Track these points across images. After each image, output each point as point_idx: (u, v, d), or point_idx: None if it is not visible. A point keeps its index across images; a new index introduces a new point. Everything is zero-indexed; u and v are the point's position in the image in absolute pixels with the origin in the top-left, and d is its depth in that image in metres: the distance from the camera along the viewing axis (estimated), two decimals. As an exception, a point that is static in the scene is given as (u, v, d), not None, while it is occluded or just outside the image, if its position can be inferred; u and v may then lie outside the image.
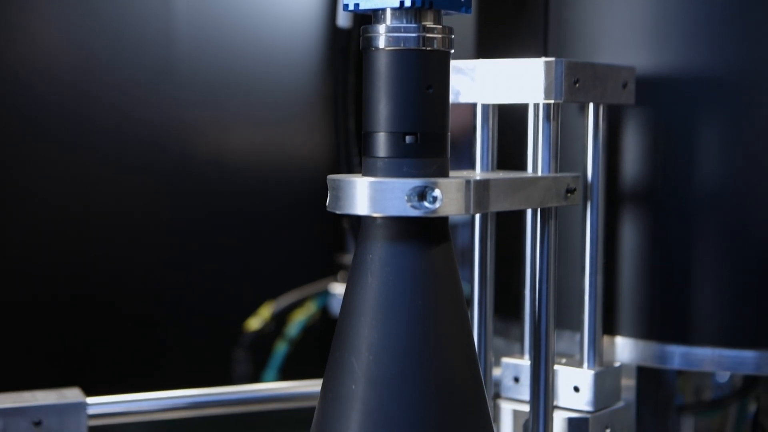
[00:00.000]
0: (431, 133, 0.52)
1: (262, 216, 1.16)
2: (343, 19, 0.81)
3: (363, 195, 0.51)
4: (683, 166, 0.68)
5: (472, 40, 0.83)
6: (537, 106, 0.63)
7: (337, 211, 0.53)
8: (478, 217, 0.64)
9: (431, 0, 0.51)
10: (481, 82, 0.65)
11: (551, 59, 0.62)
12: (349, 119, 0.82)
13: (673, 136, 0.69)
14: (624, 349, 0.70)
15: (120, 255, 1.09)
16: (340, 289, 1.08)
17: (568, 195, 0.63)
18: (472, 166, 0.66)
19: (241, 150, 1.15)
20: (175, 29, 1.10)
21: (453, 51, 0.53)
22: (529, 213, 0.65)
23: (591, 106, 0.66)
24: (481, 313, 0.64)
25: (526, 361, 0.68)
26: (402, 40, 0.51)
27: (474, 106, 0.66)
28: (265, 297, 1.11)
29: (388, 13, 0.52)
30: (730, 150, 0.68)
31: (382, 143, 0.52)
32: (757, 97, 0.68)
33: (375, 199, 0.51)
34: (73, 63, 1.05)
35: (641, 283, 0.69)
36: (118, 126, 1.08)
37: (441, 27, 0.52)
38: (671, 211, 0.69)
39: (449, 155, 0.53)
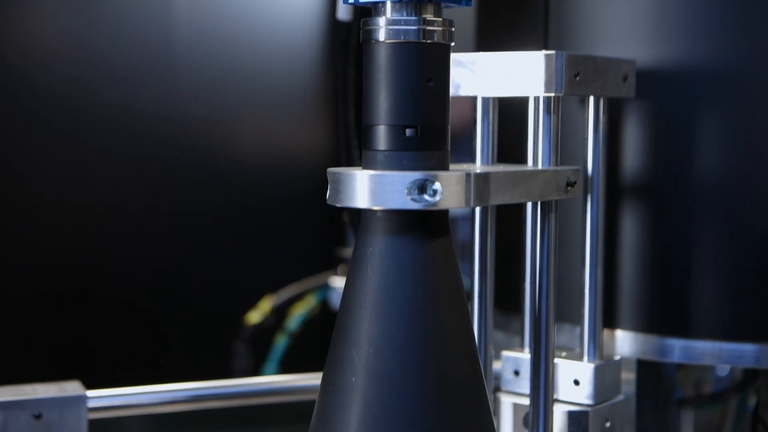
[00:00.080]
0: (431, 126, 0.52)
1: (262, 209, 1.16)
2: (343, 12, 0.81)
3: (363, 188, 0.51)
4: (683, 159, 0.68)
5: (472, 33, 0.83)
6: (537, 100, 0.63)
7: (337, 204, 0.53)
8: (478, 211, 0.64)
9: (431, -7, 0.51)
10: (481, 75, 0.64)
11: (551, 52, 0.62)
12: (349, 112, 0.81)
13: (673, 129, 0.68)
14: (624, 342, 0.70)
15: (120, 249, 1.09)
16: (340, 282, 1.08)
17: (569, 188, 0.62)
18: (473, 159, 0.66)
19: (240, 143, 1.15)
20: (175, 23, 1.10)
21: (453, 44, 0.53)
22: (529, 206, 0.65)
23: (591, 99, 0.66)
24: (481, 307, 0.64)
25: (526, 355, 0.68)
26: (402, 33, 0.51)
27: (474, 100, 0.65)
28: (265, 290, 1.11)
29: (388, 5, 0.52)
30: (731, 143, 0.68)
31: (382, 136, 0.52)
32: (757, 90, 0.67)
33: (375, 192, 0.51)
34: (73, 57, 1.05)
35: (641, 276, 0.69)
36: (118, 119, 1.08)
37: (441, 20, 0.52)
38: (671, 205, 0.69)
39: (449, 148, 0.53)
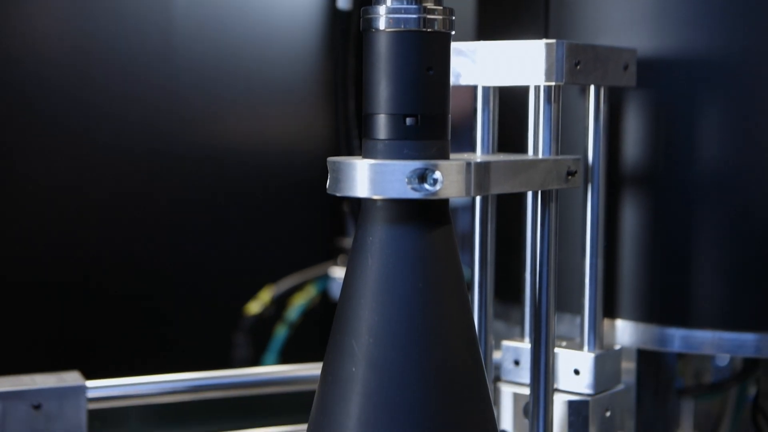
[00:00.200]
0: (432, 114, 0.52)
1: (262, 200, 1.16)
2: (343, 2, 0.80)
3: (363, 177, 0.51)
4: (684, 148, 0.68)
5: (472, 21, 0.82)
6: (538, 89, 0.63)
7: (337, 194, 0.53)
8: (478, 200, 0.64)
9: (432, -19, 0.51)
10: (481, 64, 0.64)
11: (552, 41, 0.62)
12: (349, 102, 0.81)
13: (674, 118, 0.68)
14: (624, 332, 0.70)
15: (120, 240, 1.08)
16: (340, 272, 1.08)
17: (569, 177, 0.62)
18: (473, 149, 0.66)
19: (240, 133, 1.15)
20: (174, 14, 1.10)
21: (454, 32, 0.53)
22: (529, 195, 0.64)
23: (592, 88, 0.66)
24: (481, 297, 0.64)
25: (526, 344, 0.68)
26: (402, 22, 0.51)
27: (474, 89, 0.65)
28: (265, 281, 1.11)
29: (389, -6, 0.51)
30: (731, 132, 0.67)
31: (382, 125, 0.52)
32: (758, 79, 0.67)
33: (375, 182, 0.51)
34: (73, 49, 1.05)
35: (642, 266, 0.69)
36: (118, 110, 1.08)
37: (442, 8, 0.52)
38: (672, 194, 0.69)
39: (450, 138, 0.53)
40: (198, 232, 1.13)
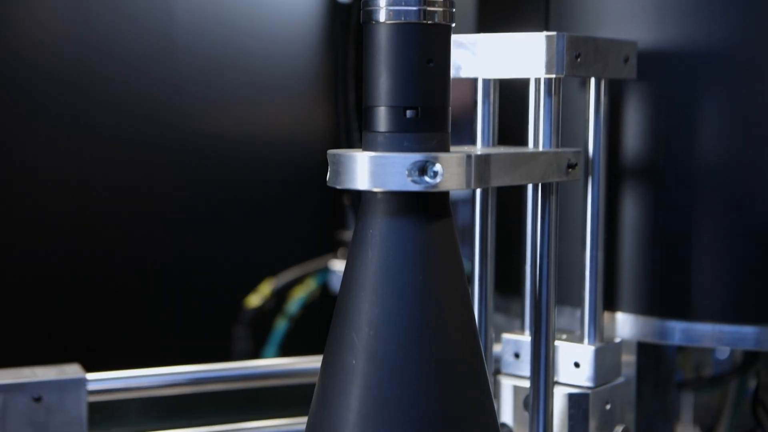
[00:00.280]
0: (432, 107, 0.51)
1: (262, 193, 1.16)
2: (343, -6, 0.80)
3: (363, 170, 0.51)
4: (684, 140, 0.68)
5: (473, 14, 0.82)
6: (538, 81, 0.63)
7: (338, 186, 0.53)
8: (478, 193, 0.64)
9: (432, -27, 0.50)
10: (482, 57, 0.64)
11: (552, 33, 0.62)
12: (349, 94, 0.81)
13: (674, 111, 0.68)
14: (624, 324, 0.70)
15: (120, 232, 1.08)
16: (340, 266, 1.08)
17: (569, 170, 0.62)
18: (473, 142, 0.66)
19: (241, 126, 1.15)
20: (175, 8, 1.10)
21: (454, 25, 0.53)
22: (529, 188, 0.64)
23: (592, 80, 0.66)
24: (481, 289, 0.64)
25: (526, 337, 0.68)
26: (403, 14, 0.51)
27: (475, 81, 0.65)
28: (265, 274, 1.11)
29: (389, -14, 0.51)
30: (732, 125, 0.67)
31: (382, 118, 0.51)
32: (758, 71, 0.67)
33: (375, 174, 0.51)
34: (74, 43, 1.05)
35: (642, 258, 0.69)
36: (119, 103, 1.08)
37: (442, 0, 0.51)
38: (672, 187, 0.68)
39: (450, 131, 0.53)
40: (198, 225, 1.13)
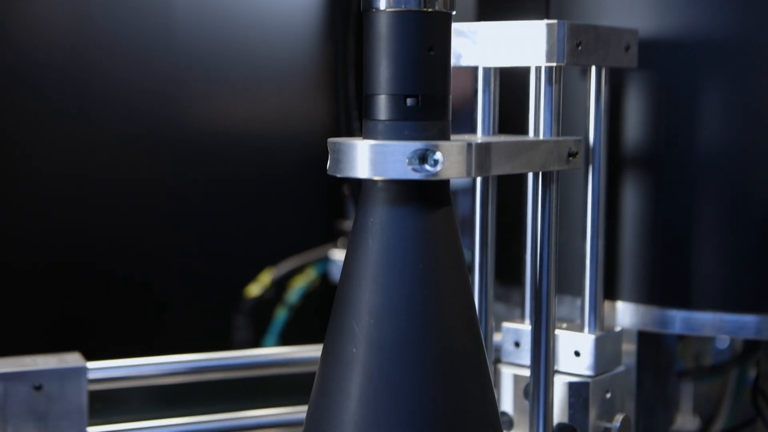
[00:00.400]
0: (432, 95, 0.51)
1: (262, 182, 1.16)
2: (343, -18, 0.80)
3: (364, 158, 0.51)
4: (685, 129, 0.68)
5: (473, 2, 0.82)
6: (539, 70, 0.63)
7: (338, 175, 0.53)
8: (479, 182, 0.64)
9: (433, -40, 0.50)
10: (482, 45, 0.64)
11: (553, 22, 0.62)
12: (350, 83, 0.81)
13: (675, 99, 0.68)
14: (625, 313, 0.70)
15: (120, 222, 1.08)
16: (340, 255, 1.07)
17: (570, 159, 0.62)
18: (473, 130, 0.65)
19: (240, 115, 1.15)
20: (174, -3, 1.09)
21: (454, 12, 0.52)
22: (530, 177, 0.64)
23: (593, 69, 0.66)
24: (482, 278, 0.64)
25: (526, 326, 0.68)
26: (403, 1, 0.51)
27: (475, 70, 0.65)
28: (265, 263, 1.11)
29: (389, -27, 0.51)
30: (733, 113, 0.67)
31: (382, 106, 0.51)
32: (759, 60, 0.67)
33: (376, 162, 0.51)
34: (73, 35, 1.05)
35: (642, 247, 0.69)
36: (118, 92, 1.07)
37: (442, -12, 0.51)
38: (673, 175, 0.68)
39: (450, 119, 0.53)
40: (199, 215, 1.12)
